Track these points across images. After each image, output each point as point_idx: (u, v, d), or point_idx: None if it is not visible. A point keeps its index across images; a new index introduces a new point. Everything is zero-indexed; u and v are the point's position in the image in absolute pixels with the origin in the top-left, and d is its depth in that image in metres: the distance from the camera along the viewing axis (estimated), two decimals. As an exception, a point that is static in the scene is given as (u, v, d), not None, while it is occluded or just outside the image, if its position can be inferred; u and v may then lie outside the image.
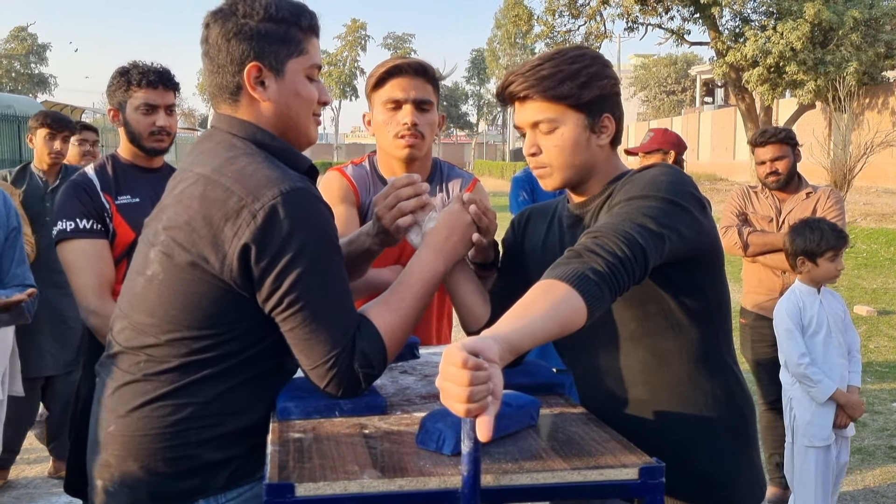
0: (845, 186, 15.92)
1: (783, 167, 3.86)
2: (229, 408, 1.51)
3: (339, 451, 1.34)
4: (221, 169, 1.47)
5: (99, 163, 2.62)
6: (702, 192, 1.59)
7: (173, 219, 1.48)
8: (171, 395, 1.48)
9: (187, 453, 1.48)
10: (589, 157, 1.63)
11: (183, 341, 1.47)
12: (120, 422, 1.50)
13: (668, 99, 49.12)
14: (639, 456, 1.32)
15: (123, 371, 1.52)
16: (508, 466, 1.27)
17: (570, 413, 1.57)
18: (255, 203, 1.41)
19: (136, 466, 1.48)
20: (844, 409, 3.28)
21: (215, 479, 1.50)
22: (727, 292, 1.65)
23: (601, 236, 1.41)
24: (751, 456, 1.63)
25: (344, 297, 1.51)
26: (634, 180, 1.55)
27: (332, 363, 1.47)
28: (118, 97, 2.58)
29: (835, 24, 20.54)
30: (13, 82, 53.71)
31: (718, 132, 31.25)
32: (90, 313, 2.40)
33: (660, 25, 24.25)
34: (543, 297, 1.30)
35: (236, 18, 1.52)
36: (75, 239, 2.43)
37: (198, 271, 1.45)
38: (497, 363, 1.14)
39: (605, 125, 1.63)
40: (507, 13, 30.01)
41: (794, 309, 3.34)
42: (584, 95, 1.58)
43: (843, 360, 3.35)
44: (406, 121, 2.20)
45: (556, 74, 1.58)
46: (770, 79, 21.49)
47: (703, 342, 1.59)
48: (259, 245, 1.41)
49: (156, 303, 1.49)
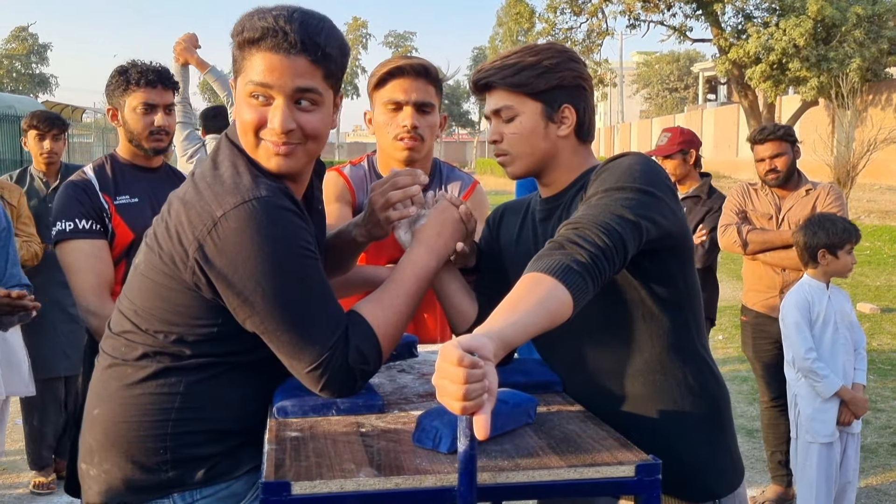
0: (849, 183, 15.90)
1: (782, 164, 3.85)
2: (208, 404, 1.51)
3: (336, 449, 1.34)
4: (203, 174, 1.49)
5: (98, 163, 2.61)
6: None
7: (161, 216, 1.52)
8: (149, 382, 1.50)
9: (164, 445, 1.49)
10: (549, 146, 1.68)
11: (157, 333, 1.49)
12: (103, 405, 1.54)
13: (670, 96, 49.07)
14: (635, 453, 1.31)
15: (108, 355, 1.56)
16: (505, 464, 1.27)
17: (567, 411, 1.57)
18: (218, 210, 1.41)
19: (115, 452, 1.51)
20: (849, 406, 3.28)
21: (192, 475, 1.51)
22: (697, 281, 1.67)
23: (581, 227, 1.43)
24: (726, 443, 1.65)
25: (322, 300, 1.48)
26: (609, 169, 1.57)
27: (322, 366, 1.46)
28: (117, 97, 2.58)
29: (838, 21, 20.51)
30: (14, 82, 53.77)
31: (721, 129, 31.22)
32: (89, 313, 2.40)
33: (662, 22, 24.24)
34: (531, 292, 1.31)
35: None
36: (74, 239, 2.43)
37: (168, 270, 1.47)
38: (492, 361, 1.14)
39: (565, 115, 1.68)
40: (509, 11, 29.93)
41: (804, 303, 3.34)
42: (539, 84, 1.65)
43: (850, 357, 3.36)
44: (406, 123, 2.19)
45: (516, 64, 1.65)
46: (773, 76, 21.46)
47: (675, 330, 1.60)
48: (214, 252, 1.40)
49: (137, 292, 1.52)
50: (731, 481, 1.62)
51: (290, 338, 1.45)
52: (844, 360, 3.34)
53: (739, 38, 22.26)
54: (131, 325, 1.52)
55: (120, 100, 2.57)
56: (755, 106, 23.06)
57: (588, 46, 24.91)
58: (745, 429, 4.78)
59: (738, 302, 4.27)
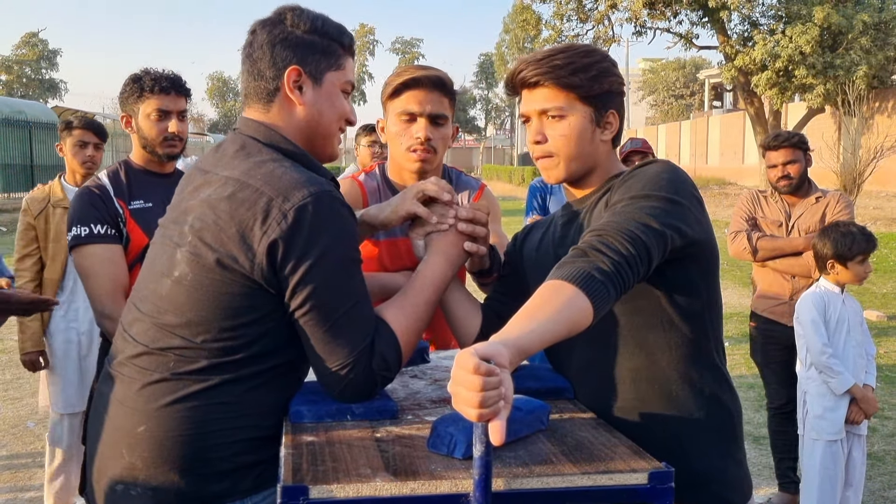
0: (855, 191, 15.86)
1: (795, 171, 3.87)
2: (257, 410, 1.53)
3: (352, 454, 1.35)
4: (250, 172, 1.51)
5: (112, 168, 2.64)
6: (711, 196, 1.61)
7: (201, 220, 1.51)
8: (202, 395, 1.49)
9: (219, 455, 1.50)
10: (592, 150, 1.68)
11: (214, 342, 1.49)
12: (151, 421, 1.49)
13: (676, 103, 49.05)
14: (648, 461, 1.32)
15: (150, 370, 1.52)
16: (519, 470, 1.29)
17: (580, 418, 1.58)
18: (286, 203, 1.45)
19: (167, 468, 1.49)
20: (860, 404, 3.32)
21: (243, 482, 1.52)
22: (720, 293, 1.67)
23: (605, 235, 1.44)
24: (738, 455, 1.65)
25: (363, 301, 1.54)
26: (636, 176, 1.57)
27: (350, 367, 1.50)
28: (131, 103, 2.61)
29: (844, 28, 20.50)
30: (24, 88, 54.01)
31: (727, 136, 31.19)
32: (105, 318, 2.42)
33: (668, 30, 24.24)
34: (550, 299, 1.32)
35: (284, 27, 1.59)
36: (90, 244, 2.45)
37: (227, 271, 1.47)
38: (508, 368, 1.16)
39: (610, 121, 1.68)
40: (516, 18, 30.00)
41: (820, 302, 3.40)
42: (594, 88, 1.64)
43: (862, 359, 3.42)
44: (420, 135, 2.20)
45: (569, 64, 1.63)
46: (779, 83, 21.44)
47: (694, 341, 1.60)
48: (287, 243, 1.44)
49: (185, 304, 1.50)
50: (742, 492, 1.63)
51: (327, 334, 1.49)
52: (856, 361, 3.39)
53: (745, 46, 22.26)
54: (180, 340, 1.50)
55: (134, 106, 2.60)
56: (761, 113, 23.04)
57: (594, 53, 24.91)
58: (752, 435, 4.78)
59: (745, 309, 4.28)
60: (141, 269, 1.65)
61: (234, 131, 1.64)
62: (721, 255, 1.70)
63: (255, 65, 1.60)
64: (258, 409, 1.53)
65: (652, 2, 22.26)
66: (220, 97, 69.01)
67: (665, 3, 22.35)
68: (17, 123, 20.84)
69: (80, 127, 3.72)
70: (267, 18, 1.63)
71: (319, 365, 1.52)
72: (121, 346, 1.60)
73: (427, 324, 1.65)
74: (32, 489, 4.12)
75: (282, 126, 1.60)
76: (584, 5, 24.70)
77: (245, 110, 1.65)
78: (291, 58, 1.58)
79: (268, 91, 1.60)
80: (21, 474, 4.33)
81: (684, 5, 22.39)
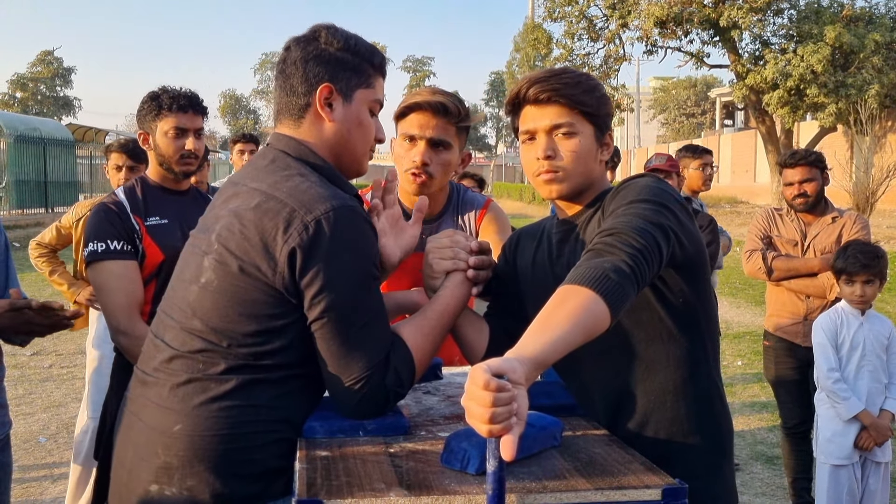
0: (868, 210, 15.82)
1: (811, 189, 3.86)
2: (288, 414, 1.54)
3: (366, 469, 1.36)
4: (276, 185, 1.54)
5: (128, 185, 2.67)
6: (722, 214, 1.63)
7: (227, 229, 1.54)
8: (235, 395, 1.51)
9: (253, 457, 1.51)
10: (593, 168, 1.72)
11: (240, 347, 1.51)
12: (187, 420, 1.51)
13: (687, 122, 49.06)
14: (661, 477, 1.32)
15: (181, 372, 1.55)
16: (532, 486, 1.29)
17: (593, 434, 1.58)
18: (308, 215, 1.48)
19: (202, 467, 1.50)
20: (869, 431, 3.27)
21: (275, 486, 1.53)
22: (714, 302, 1.69)
23: (617, 233, 1.45)
24: (725, 469, 1.66)
25: (380, 317, 1.56)
26: (628, 187, 1.61)
27: (364, 382, 1.51)
28: (148, 121, 2.64)
29: (856, 47, 20.50)
30: (39, 105, 54.58)
31: (739, 155, 31.15)
32: (120, 333, 2.44)
33: (679, 48, 24.29)
34: (564, 306, 1.32)
35: (317, 44, 1.64)
36: (106, 260, 2.47)
37: (251, 279, 1.50)
38: (523, 384, 1.16)
39: (608, 143, 1.73)
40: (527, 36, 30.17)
41: (832, 326, 3.38)
42: (601, 108, 1.70)
43: (878, 384, 3.35)
44: (416, 159, 2.23)
45: (579, 84, 1.68)
46: (791, 101, 21.42)
47: (692, 353, 1.62)
48: (306, 252, 1.47)
49: (211, 310, 1.53)
50: None
51: (343, 349, 1.50)
52: (871, 386, 3.34)
53: (757, 65, 22.27)
54: (207, 344, 1.53)
55: (151, 124, 2.63)
56: (773, 132, 23.02)
57: (605, 72, 24.99)
58: (766, 455, 4.74)
59: (759, 328, 4.27)
60: (171, 279, 1.68)
61: (267, 146, 1.68)
62: (735, 274, 1.70)
63: (288, 80, 1.64)
64: (288, 414, 1.55)
65: (663, 21, 22.32)
66: (233, 115, 69.50)
67: (676, 23, 22.40)
68: (32, 140, 21.04)
69: (115, 150, 3.96)
70: (301, 36, 1.67)
71: (333, 379, 1.53)
72: (153, 353, 1.62)
73: (439, 347, 1.68)
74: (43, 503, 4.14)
75: (311, 141, 1.64)
76: (594, 24, 24.81)
77: (277, 126, 1.69)
78: (324, 74, 1.62)
79: (299, 107, 1.63)
80: (33, 489, 4.33)
81: (695, 24, 22.44)
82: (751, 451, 4.81)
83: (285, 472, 1.53)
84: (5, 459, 2.43)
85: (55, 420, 5.52)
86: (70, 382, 6.50)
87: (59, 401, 6.00)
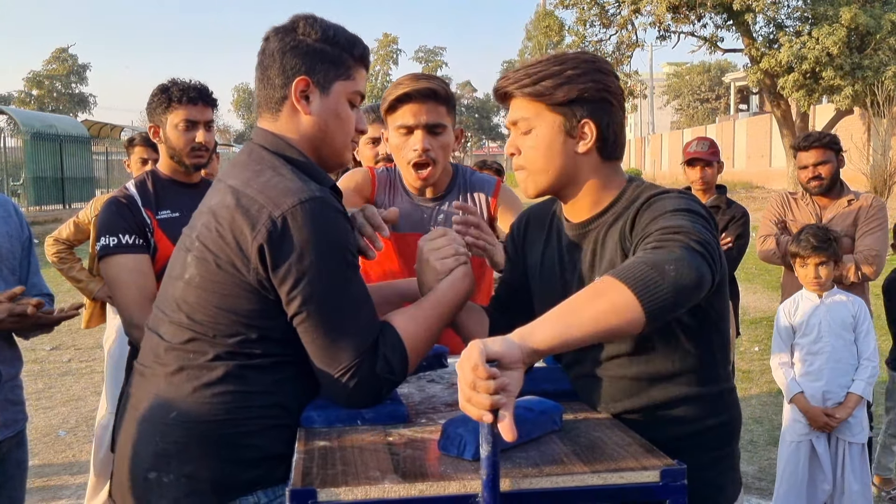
0: (885, 192, 15.66)
1: (826, 172, 3.82)
2: (282, 400, 1.55)
3: (363, 457, 1.36)
4: (248, 182, 1.54)
5: (139, 179, 2.68)
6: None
7: (205, 226, 1.55)
8: (227, 381, 1.52)
9: (249, 442, 1.52)
10: (567, 163, 1.58)
11: (226, 338, 1.52)
12: (182, 407, 1.53)
13: (701, 107, 48.69)
14: (660, 458, 1.31)
15: (175, 361, 1.56)
16: (529, 471, 1.28)
17: (594, 418, 1.57)
18: (276, 210, 1.47)
19: (200, 453, 1.51)
20: (805, 415, 3.32)
21: (276, 472, 1.53)
22: (728, 310, 1.63)
23: (683, 231, 1.36)
24: (730, 460, 1.63)
25: (362, 305, 1.54)
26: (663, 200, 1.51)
27: (352, 372, 1.50)
28: (158, 114, 2.64)
29: (872, 29, 20.21)
30: (54, 102, 54.95)
31: (754, 139, 30.88)
32: (133, 327, 2.45)
33: (692, 33, 24.06)
34: (595, 304, 1.26)
35: (295, 35, 1.61)
36: (118, 254, 2.48)
37: (229, 276, 1.51)
38: (520, 366, 1.18)
39: (585, 131, 1.57)
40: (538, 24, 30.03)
41: (790, 307, 3.41)
42: (557, 95, 1.54)
43: (839, 364, 3.33)
44: (417, 147, 2.25)
45: (538, 73, 1.55)
46: (806, 84, 21.17)
47: (700, 359, 1.57)
48: (274, 248, 1.46)
49: (195, 304, 1.54)
50: (726, 493, 1.62)
51: (326, 340, 1.50)
52: (830, 367, 3.32)
53: (771, 48, 22.02)
54: (194, 334, 1.54)
55: (162, 117, 2.63)
56: (788, 116, 22.78)
57: (618, 58, 24.81)
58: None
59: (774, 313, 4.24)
60: (164, 276, 1.69)
61: (248, 140, 1.67)
62: (750, 259, 1.68)
63: (266, 72, 1.63)
64: (288, 400, 1.55)
65: (675, 5, 22.11)
66: (247, 108, 69.69)
67: (689, 7, 22.18)
68: (48, 137, 21.20)
69: (140, 144, 4.01)
70: (280, 26, 1.65)
71: (322, 373, 1.53)
72: (149, 346, 1.64)
73: (439, 333, 1.67)
74: (63, 497, 4.18)
75: (289, 135, 1.63)
76: (606, 10, 24.61)
77: (258, 119, 1.68)
78: (300, 66, 1.60)
79: (276, 99, 1.62)
80: (53, 482, 4.38)
81: (708, 8, 22.21)
82: (769, 436, 4.78)
83: (285, 459, 1.53)
84: (20, 456, 2.46)
85: (74, 414, 5.58)
86: (89, 376, 6.56)
87: (78, 394, 6.07)
